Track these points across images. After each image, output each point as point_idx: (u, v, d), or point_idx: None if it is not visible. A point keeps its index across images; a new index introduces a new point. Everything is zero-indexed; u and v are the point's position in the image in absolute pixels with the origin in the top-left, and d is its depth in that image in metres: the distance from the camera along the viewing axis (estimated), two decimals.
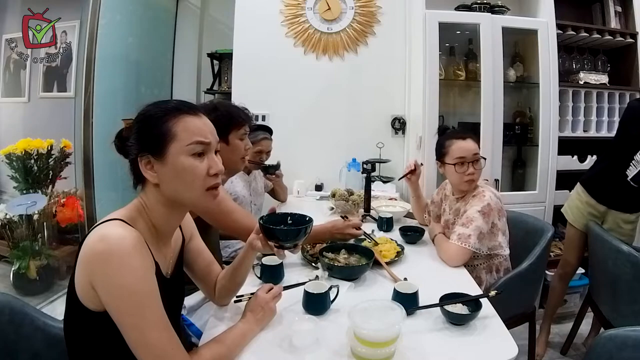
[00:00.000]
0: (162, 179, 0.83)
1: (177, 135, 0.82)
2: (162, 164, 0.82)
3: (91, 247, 0.75)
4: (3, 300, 1.00)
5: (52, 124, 2.62)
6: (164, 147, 0.82)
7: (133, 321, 0.75)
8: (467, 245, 1.45)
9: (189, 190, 0.84)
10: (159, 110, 0.84)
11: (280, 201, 2.39)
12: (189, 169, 0.83)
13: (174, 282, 0.95)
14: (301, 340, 0.96)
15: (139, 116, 0.86)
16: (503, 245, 1.59)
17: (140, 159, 0.83)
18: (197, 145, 0.83)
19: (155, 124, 0.83)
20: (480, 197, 1.55)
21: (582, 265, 2.43)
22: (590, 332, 2.16)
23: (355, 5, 2.62)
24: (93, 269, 0.75)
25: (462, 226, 1.50)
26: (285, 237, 1.01)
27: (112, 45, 2.54)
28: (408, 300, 1.08)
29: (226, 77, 2.99)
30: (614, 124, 2.52)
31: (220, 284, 1.11)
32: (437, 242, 1.60)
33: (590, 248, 1.95)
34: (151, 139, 0.83)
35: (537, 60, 2.35)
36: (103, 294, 0.75)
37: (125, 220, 0.81)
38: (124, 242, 0.75)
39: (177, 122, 0.83)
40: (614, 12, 2.54)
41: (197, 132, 0.84)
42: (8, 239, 2.33)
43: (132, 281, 0.74)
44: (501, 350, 0.95)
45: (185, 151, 0.82)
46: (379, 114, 2.70)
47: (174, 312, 0.96)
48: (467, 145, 1.60)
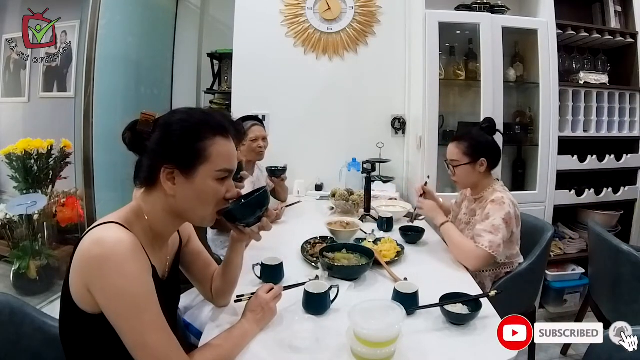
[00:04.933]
0: (181, 194, 0.83)
1: (210, 158, 0.83)
2: (186, 180, 0.82)
3: (87, 251, 0.75)
4: (3, 300, 1.01)
5: (52, 124, 2.62)
6: (195, 166, 0.82)
7: (131, 324, 0.74)
8: (496, 254, 1.44)
9: (203, 210, 0.86)
10: (196, 125, 0.83)
11: (281, 201, 2.39)
12: (212, 192, 0.84)
13: (170, 284, 0.95)
14: (301, 340, 0.96)
15: (172, 122, 0.83)
16: (520, 254, 1.61)
17: (164, 169, 0.81)
18: (224, 172, 0.85)
19: (191, 140, 0.82)
20: (500, 204, 1.52)
21: (582, 265, 2.44)
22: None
23: (355, 5, 2.62)
24: (89, 273, 0.74)
25: (489, 233, 1.47)
26: (242, 214, 0.94)
27: (112, 45, 2.53)
28: (408, 300, 1.08)
29: (226, 77, 2.99)
30: (614, 124, 2.53)
31: (215, 284, 1.10)
32: (454, 237, 1.54)
33: (590, 248, 1.95)
34: (183, 154, 0.82)
35: (537, 60, 2.34)
36: (100, 298, 0.74)
37: (122, 223, 0.80)
38: (120, 246, 0.74)
39: (213, 145, 0.83)
40: (614, 12, 2.54)
41: (228, 158, 0.86)
42: (8, 239, 2.33)
43: (129, 285, 0.73)
44: (501, 350, 0.95)
45: (214, 175, 0.84)
46: (379, 114, 2.70)
47: (170, 314, 0.96)
48: (448, 149, 1.68)
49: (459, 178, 1.66)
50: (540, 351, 2.09)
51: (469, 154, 1.61)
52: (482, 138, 1.64)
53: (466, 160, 1.61)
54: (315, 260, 1.41)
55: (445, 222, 1.61)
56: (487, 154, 1.62)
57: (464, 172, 1.63)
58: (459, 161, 1.62)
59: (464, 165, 1.61)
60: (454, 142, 1.66)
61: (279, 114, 2.62)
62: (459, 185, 1.73)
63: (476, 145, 1.61)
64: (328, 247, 1.45)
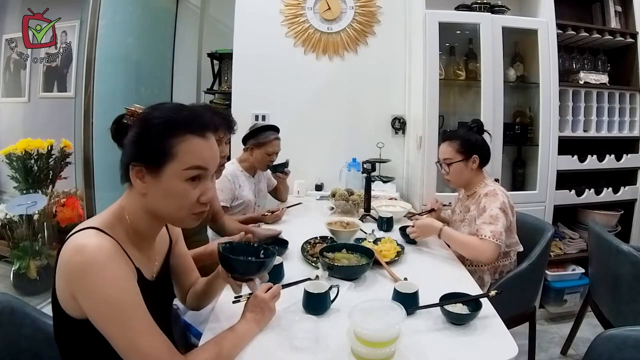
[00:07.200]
0: (151, 193, 0.80)
1: (177, 156, 0.78)
2: (154, 179, 0.79)
3: (68, 259, 0.73)
4: (3, 300, 1.01)
5: (52, 124, 2.62)
6: (161, 165, 0.78)
7: (119, 331, 0.73)
8: (500, 242, 1.46)
9: (174, 212, 0.81)
10: (165, 122, 0.79)
11: (281, 201, 2.39)
12: (181, 193, 0.79)
13: (161, 284, 0.94)
14: (301, 340, 0.96)
15: (143, 119, 0.81)
16: (519, 242, 1.64)
17: (133, 167, 0.79)
18: (194, 170, 0.79)
19: (157, 137, 0.78)
20: (493, 196, 1.56)
21: (582, 265, 2.44)
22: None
23: (355, 5, 2.62)
24: (72, 280, 0.73)
25: (489, 224, 1.49)
26: (242, 270, 0.97)
27: (112, 45, 2.54)
28: (408, 300, 1.08)
29: (226, 77, 3.00)
30: (614, 124, 2.53)
31: (192, 292, 1.10)
32: (454, 237, 1.55)
33: (590, 248, 1.95)
34: (149, 151, 0.78)
35: (537, 60, 2.34)
36: (85, 306, 0.73)
37: (101, 228, 0.78)
38: (100, 253, 0.73)
39: (181, 142, 0.78)
40: (614, 12, 2.54)
41: (198, 156, 0.80)
42: (8, 239, 2.33)
43: (113, 291, 0.72)
44: (501, 350, 0.95)
45: (181, 175, 0.78)
46: (379, 113, 2.70)
47: (163, 314, 0.95)
48: (441, 149, 1.74)
49: (453, 176, 1.71)
50: (540, 351, 2.09)
51: (461, 151, 1.67)
52: (472, 136, 1.71)
53: (459, 157, 1.67)
54: (315, 260, 1.41)
55: (441, 229, 1.58)
56: (478, 151, 1.68)
57: (457, 170, 1.68)
58: (453, 159, 1.68)
59: (458, 162, 1.67)
60: (445, 142, 1.73)
61: (278, 114, 2.62)
62: (453, 184, 1.77)
63: (468, 143, 1.68)
64: (328, 247, 1.45)
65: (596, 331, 1.54)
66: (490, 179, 1.73)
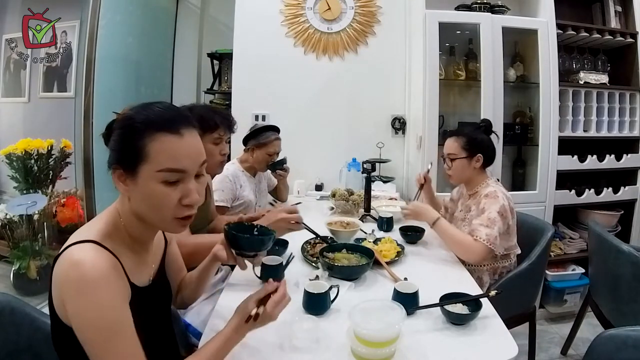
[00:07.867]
0: (132, 197, 0.78)
1: (149, 156, 0.74)
2: (132, 183, 0.76)
3: (64, 273, 0.72)
4: (3, 300, 1.00)
5: (52, 124, 2.62)
6: (135, 167, 0.75)
7: (102, 353, 0.71)
8: (493, 247, 1.46)
9: (156, 215, 0.78)
10: (135, 121, 0.76)
11: (281, 200, 2.39)
12: (159, 196, 0.75)
13: (159, 286, 0.93)
14: (301, 340, 0.96)
15: (119, 120, 0.79)
16: (517, 245, 1.65)
17: (114, 170, 0.78)
18: (168, 173, 0.75)
19: (130, 137, 0.75)
20: (494, 198, 1.56)
21: (582, 265, 2.44)
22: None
23: (355, 5, 2.62)
24: (65, 294, 0.72)
25: (486, 227, 1.48)
26: (248, 246, 1.00)
27: (112, 45, 2.54)
28: (408, 300, 1.08)
29: (226, 77, 3.00)
30: (614, 124, 2.53)
31: (183, 287, 1.09)
32: (447, 232, 1.54)
33: (590, 248, 1.95)
34: (124, 153, 0.76)
35: (537, 60, 2.34)
36: (73, 322, 0.72)
37: (99, 240, 0.75)
38: (94, 272, 0.70)
39: (152, 142, 0.74)
40: (614, 12, 2.54)
41: (172, 156, 0.75)
42: (8, 239, 2.33)
43: (103, 313, 0.70)
44: (501, 350, 0.95)
45: (155, 177, 0.74)
46: (379, 113, 2.70)
47: (162, 315, 0.95)
48: (446, 144, 1.75)
49: (455, 172, 1.71)
50: (540, 351, 2.09)
51: (466, 148, 1.68)
52: (479, 135, 1.71)
53: (464, 154, 1.68)
54: (315, 260, 1.41)
55: (437, 219, 1.56)
56: (483, 150, 1.68)
57: (460, 166, 1.69)
58: (457, 155, 1.69)
59: (461, 159, 1.68)
60: (452, 137, 1.73)
61: (278, 114, 2.62)
62: (454, 180, 1.78)
63: (474, 141, 1.68)
64: (328, 247, 1.45)
65: (596, 331, 1.53)
66: (493, 180, 1.72)
